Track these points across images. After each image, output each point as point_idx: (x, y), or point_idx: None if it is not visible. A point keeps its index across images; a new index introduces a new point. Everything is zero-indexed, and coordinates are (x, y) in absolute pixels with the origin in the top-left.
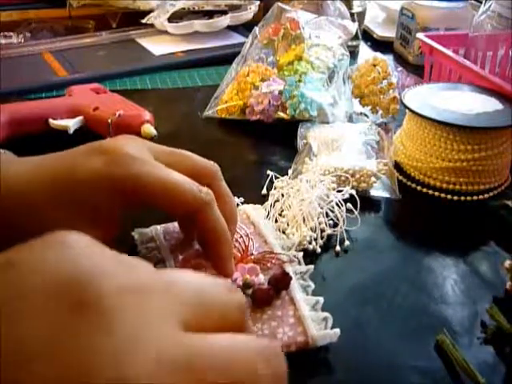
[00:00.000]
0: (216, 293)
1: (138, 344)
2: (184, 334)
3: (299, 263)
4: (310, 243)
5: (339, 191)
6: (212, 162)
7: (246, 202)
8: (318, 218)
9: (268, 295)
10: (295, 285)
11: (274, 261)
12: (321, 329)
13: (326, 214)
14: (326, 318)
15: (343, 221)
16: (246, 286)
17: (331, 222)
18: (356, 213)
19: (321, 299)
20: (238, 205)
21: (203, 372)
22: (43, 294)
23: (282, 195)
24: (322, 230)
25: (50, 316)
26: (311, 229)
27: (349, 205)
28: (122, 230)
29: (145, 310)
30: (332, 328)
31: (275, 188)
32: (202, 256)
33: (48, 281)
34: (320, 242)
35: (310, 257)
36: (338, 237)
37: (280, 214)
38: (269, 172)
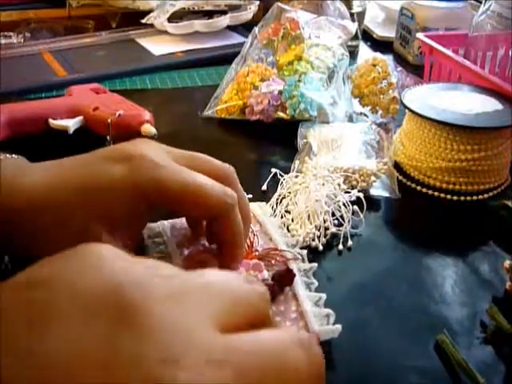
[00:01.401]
0: (241, 287)
1: (182, 350)
2: (222, 335)
3: (303, 261)
4: (313, 240)
5: (346, 192)
6: (228, 165)
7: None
8: (324, 216)
9: (271, 291)
10: (299, 281)
11: (278, 258)
12: (322, 325)
13: (332, 213)
14: (328, 315)
15: (348, 221)
16: None
17: (336, 221)
18: (362, 215)
19: (323, 296)
20: None
21: (247, 368)
22: (80, 308)
23: (289, 192)
24: (327, 229)
25: (89, 331)
26: (315, 226)
27: (355, 207)
28: None
29: (184, 315)
30: (334, 324)
31: (282, 183)
32: (207, 252)
33: (84, 295)
34: (323, 240)
35: (311, 254)
36: (342, 236)
37: (286, 211)
38: (273, 169)
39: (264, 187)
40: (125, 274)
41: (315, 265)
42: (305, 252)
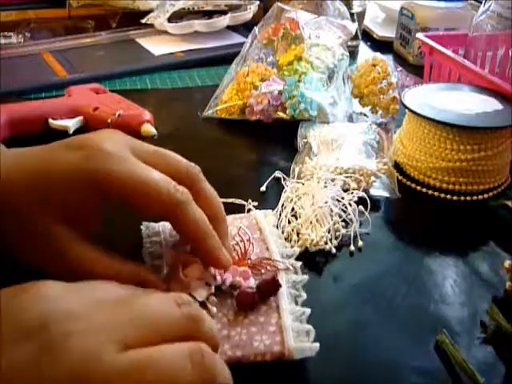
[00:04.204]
0: (163, 308)
1: (91, 371)
2: (125, 353)
3: (296, 272)
4: (325, 244)
5: (346, 191)
6: (193, 164)
7: (245, 201)
8: (333, 219)
9: (251, 299)
10: (284, 293)
11: (269, 267)
12: (301, 341)
13: (339, 214)
14: (308, 331)
15: (356, 221)
16: (232, 287)
17: (343, 223)
18: (367, 214)
19: (307, 310)
20: (249, 210)
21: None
22: (16, 332)
23: (295, 196)
24: (337, 231)
25: (19, 351)
26: (327, 229)
27: (361, 207)
28: (133, 223)
29: (98, 344)
30: (315, 333)
31: (285, 188)
32: (191, 253)
33: (21, 323)
34: (335, 242)
35: (325, 257)
36: (352, 237)
37: (293, 215)
38: (274, 171)
39: (263, 188)
40: (56, 310)
41: (305, 277)
42: (299, 264)
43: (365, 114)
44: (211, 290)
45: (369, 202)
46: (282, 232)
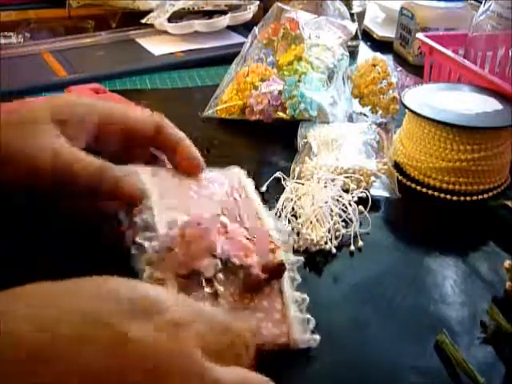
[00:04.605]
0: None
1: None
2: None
3: (293, 250)
4: (325, 243)
5: (346, 191)
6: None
7: None
8: (333, 219)
9: (258, 284)
10: (286, 276)
11: (270, 245)
12: (304, 330)
13: (339, 214)
14: (308, 320)
15: (356, 221)
16: (237, 268)
17: (343, 223)
18: (367, 214)
19: (307, 298)
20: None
21: None
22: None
23: (295, 196)
24: (337, 231)
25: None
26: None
27: (360, 207)
28: None
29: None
30: (315, 329)
31: (285, 188)
32: (202, 222)
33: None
34: (335, 242)
35: (325, 257)
36: (352, 237)
37: (293, 215)
38: (274, 171)
39: (264, 188)
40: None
41: (301, 259)
42: (291, 242)
43: (365, 114)
44: (218, 266)
45: (369, 202)
46: None
